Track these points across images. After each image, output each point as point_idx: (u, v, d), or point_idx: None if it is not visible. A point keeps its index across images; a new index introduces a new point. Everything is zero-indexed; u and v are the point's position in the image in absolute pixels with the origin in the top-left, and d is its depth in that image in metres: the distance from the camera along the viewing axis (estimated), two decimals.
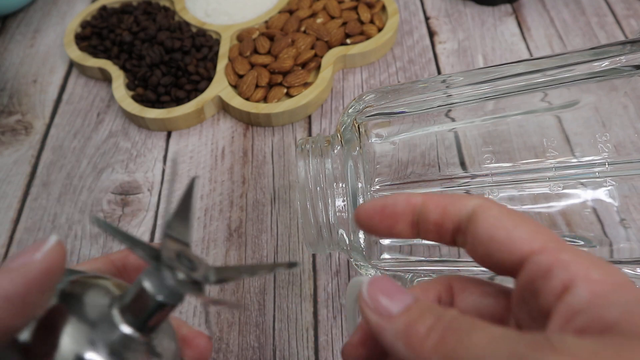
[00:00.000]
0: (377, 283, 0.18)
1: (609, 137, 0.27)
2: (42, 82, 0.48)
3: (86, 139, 0.44)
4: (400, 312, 0.16)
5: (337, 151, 0.30)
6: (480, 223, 0.17)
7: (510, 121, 0.29)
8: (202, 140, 0.43)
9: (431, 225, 0.19)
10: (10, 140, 0.44)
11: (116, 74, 0.45)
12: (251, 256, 0.36)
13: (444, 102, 0.29)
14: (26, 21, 0.54)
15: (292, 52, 0.44)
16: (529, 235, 0.16)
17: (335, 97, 0.45)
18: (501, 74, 0.29)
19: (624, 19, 0.48)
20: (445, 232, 0.18)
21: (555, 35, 0.47)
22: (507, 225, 0.17)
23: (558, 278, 0.15)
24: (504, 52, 0.47)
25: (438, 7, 0.51)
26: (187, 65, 0.44)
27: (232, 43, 0.47)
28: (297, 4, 0.49)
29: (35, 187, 0.41)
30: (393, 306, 0.17)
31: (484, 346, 0.14)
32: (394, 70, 0.46)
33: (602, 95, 0.28)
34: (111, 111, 0.45)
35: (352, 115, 0.30)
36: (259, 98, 0.43)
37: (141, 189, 0.40)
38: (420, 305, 0.17)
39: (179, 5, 0.50)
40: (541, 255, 0.16)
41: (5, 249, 0.38)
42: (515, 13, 0.50)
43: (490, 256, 0.17)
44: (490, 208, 0.17)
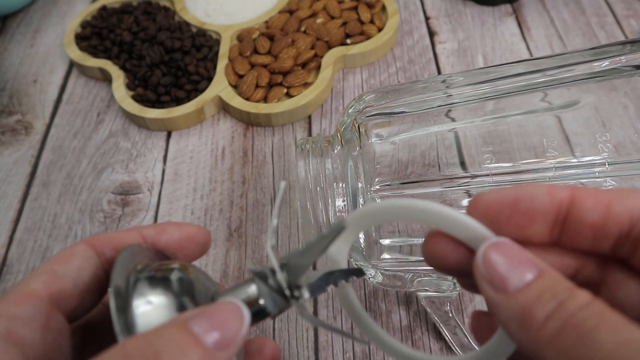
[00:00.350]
0: (496, 250, 0.15)
1: (609, 137, 0.27)
2: (42, 82, 0.48)
3: (86, 139, 0.44)
4: (518, 289, 0.14)
5: (337, 151, 0.30)
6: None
7: (510, 121, 0.29)
8: (202, 140, 0.43)
9: (586, 228, 0.15)
10: (10, 140, 0.44)
11: (116, 74, 0.45)
12: (251, 256, 0.36)
13: (444, 102, 0.29)
14: (26, 21, 0.54)
15: (292, 52, 0.44)
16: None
17: (335, 97, 0.45)
18: (501, 74, 0.29)
19: (624, 19, 0.48)
20: (606, 238, 0.15)
21: (555, 35, 0.47)
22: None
23: None
24: (504, 52, 0.47)
25: (438, 7, 0.51)
26: (187, 65, 0.44)
27: (232, 43, 0.47)
28: (297, 4, 0.49)
29: (35, 187, 0.41)
30: (511, 279, 0.14)
31: (610, 351, 0.11)
32: (394, 70, 0.46)
33: (602, 95, 0.28)
34: (111, 111, 0.45)
35: (352, 115, 0.30)
36: (259, 98, 0.43)
37: (141, 189, 0.40)
38: (543, 283, 0.14)
39: (179, 5, 0.50)
40: None
41: (5, 249, 0.38)
42: (515, 13, 0.50)
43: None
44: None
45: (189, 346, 0.15)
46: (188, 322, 0.15)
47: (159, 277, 0.17)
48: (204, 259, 0.36)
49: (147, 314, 0.16)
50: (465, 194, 0.28)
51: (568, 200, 0.15)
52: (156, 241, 0.20)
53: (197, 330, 0.15)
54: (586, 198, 0.15)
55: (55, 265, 0.18)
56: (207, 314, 0.16)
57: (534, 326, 0.13)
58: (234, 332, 0.16)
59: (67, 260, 0.18)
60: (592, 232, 0.15)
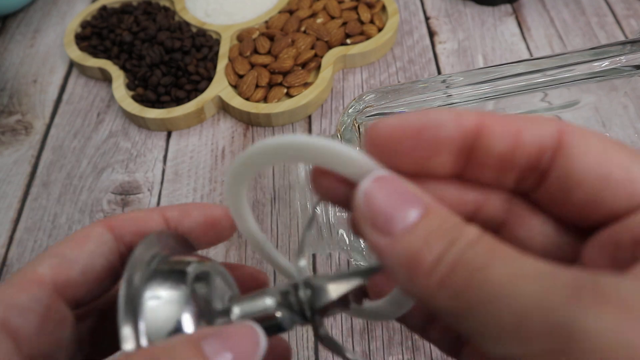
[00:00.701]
0: (377, 186, 0.13)
1: (609, 137, 0.27)
2: (42, 82, 0.48)
3: (86, 139, 0.44)
4: (404, 229, 0.12)
5: None
6: (579, 158, 0.12)
7: None
8: (202, 140, 0.43)
9: (493, 158, 0.13)
10: (10, 140, 0.44)
11: (116, 74, 0.45)
12: (251, 256, 0.36)
13: (444, 102, 0.29)
14: (26, 21, 0.54)
15: (292, 52, 0.44)
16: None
17: (335, 97, 0.45)
18: (501, 74, 0.29)
19: (624, 19, 0.48)
20: (512, 169, 0.13)
21: (555, 35, 0.47)
22: (623, 161, 0.12)
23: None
24: (504, 52, 0.47)
25: (438, 7, 0.51)
26: (187, 65, 0.44)
27: (232, 43, 0.47)
28: (297, 4, 0.49)
29: (35, 187, 0.41)
30: (396, 220, 0.12)
31: (502, 285, 0.10)
32: (394, 70, 0.46)
33: (602, 95, 0.28)
34: (111, 111, 0.45)
35: (352, 115, 0.30)
36: (259, 98, 0.43)
37: (141, 189, 0.40)
38: (430, 221, 0.12)
39: (179, 5, 0.50)
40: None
41: (5, 249, 0.38)
42: (515, 13, 0.50)
43: (593, 203, 0.12)
44: (584, 137, 0.13)
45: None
46: (201, 342, 0.14)
47: (174, 273, 0.16)
48: None
49: (156, 313, 0.15)
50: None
51: (475, 127, 0.13)
52: (179, 224, 0.19)
53: (209, 351, 0.14)
54: (495, 125, 0.13)
55: (67, 248, 0.17)
56: (222, 335, 0.15)
57: (423, 272, 0.12)
58: (248, 357, 0.15)
59: (80, 244, 0.17)
60: (498, 163, 0.13)
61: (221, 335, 0.14)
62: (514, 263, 0.11)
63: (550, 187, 0.13)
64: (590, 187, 0.12)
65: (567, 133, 0.13)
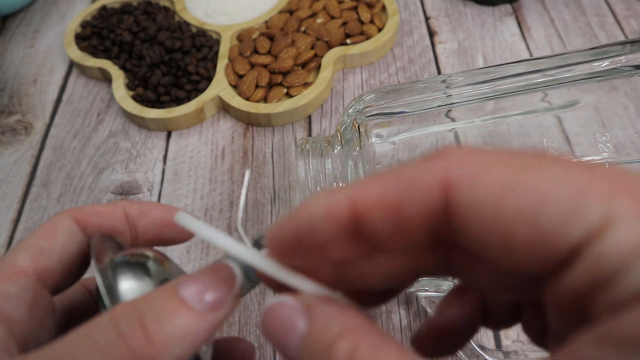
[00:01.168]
0: (269, 313, 0.14)
1: (609, 137, 0.27)
2: (42, 82, 0.48)
3: (86, 139, 0.44)
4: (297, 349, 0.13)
5: (337, 151, 0.30)
6: (474, 219, 0.11)
7: (511, 121, 0.29)
8: (202, 140, 0.43)
9: (386, 237, 0.12)
10: (10, 140, 0.44)
11: (116, 74, 0.45)
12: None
13: (444, 102, 0.29)
14: (26, 21, 0.54)
15: (292, 52, 0.44)
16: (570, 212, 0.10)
17: (335, 97, 0.45)
18: (501, 74, 0.29)
19: (624, 19, 0.48)
20: (412, 241, 0.12)
21: (555, 35, 0.47)
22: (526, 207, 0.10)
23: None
24: (504, 52, 0.47)
25: (438, 7, 0.51)
26: (187, 65, 0.44)
27: (232, 43, 0.47)
28: (297, 4, 0.49)
29: (35, 187, 0.41)
30: (288, 344, 0.14)
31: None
32: (394, 70, 0.46)
33: (602, 95, 0.28)
34: (111, 111, 0.45)
35: (352, 115, 0.30)
36: (259, 98, 0.43)
37: (141, 189, 0.40)
38: (311, 339, 0.13)
39: (179, 5, 0.50)
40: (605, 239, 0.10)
41: (5, 249, 0.38)
42: (515, 13, 0.50)
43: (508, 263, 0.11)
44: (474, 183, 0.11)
45: (175, 310, 0.15)
46: (177, 287, 0.15)
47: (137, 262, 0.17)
48: (204, 260, 0.36)
49: (133, 293, 0.16)
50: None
51: (350, 216, 0.12)
52: (137, 221, 0.20)
53: (185, 294, 0.15)
54: (370, 210, 0.12)
55: (41, 240, 0.18)
56: (196, 277, 0.15)
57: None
58: (224, 293, 0.15)
59: (52, 235, 0.18)
60: (395, 239, 0.12)
61: (195, 277, 0.15)
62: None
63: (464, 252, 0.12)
64: (496, 250, 0.11)
65: (453, 188, 0.11)
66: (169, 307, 0.15)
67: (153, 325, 0.14)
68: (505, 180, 0.11)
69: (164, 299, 0.15)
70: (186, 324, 0.15)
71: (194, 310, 0.15)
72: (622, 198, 0.10)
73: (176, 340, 0.14)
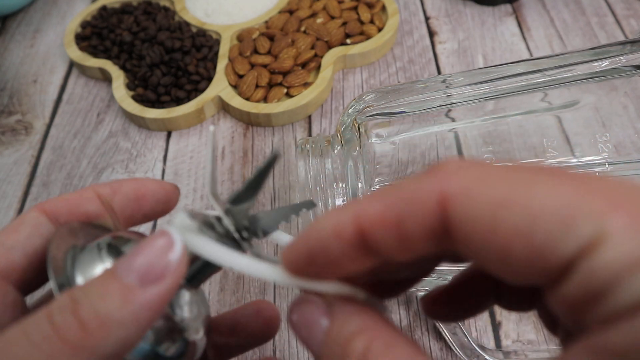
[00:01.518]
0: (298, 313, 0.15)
1: (609, 137, 0.27)
2: (42, 82, 0.48)
3: (86, 139, 0.44)
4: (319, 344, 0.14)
5: (337, 151, 0.30)
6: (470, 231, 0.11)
7: (511, 121, 0.29)
8: (202, 140, 0.43)
9: (393, 251, 0.13)
10: (10, 140, 0.44)
11: (116, 74, 0.45)
12: None
13: (444, 102, 0.29)
14: (26, 21, 0.54)
15: (292, 52, 0.44)
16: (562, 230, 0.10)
17: (335, 97, 0.45)
18: (501, 74, 0.29)
19: (624, 19, 0.48)
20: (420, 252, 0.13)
21: (555, 35, 0.47)
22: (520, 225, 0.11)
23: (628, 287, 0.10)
24: (504, 52, 0.46)
25: (438, 7, 0.51)
26: (187, 65, 0.44)
27: (232, 43, 0.47)
28: (297, 4, 0.49)
29: (35, 187, 0.41)
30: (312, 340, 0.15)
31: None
32: (394, 70, 0.46)
33: (602, 95, 0.28)
34: (111, 111, 0.45)
35: (352, 115, 0.30)
36: (259, 98, 0.43)
37: None
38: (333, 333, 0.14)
39: (179, 5, 0.50)
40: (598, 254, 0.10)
41: None
42: (515, 13, 0.50)
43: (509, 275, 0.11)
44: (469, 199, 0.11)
45: (109, 288, 0.14)
46: (115, 266, 0.14)
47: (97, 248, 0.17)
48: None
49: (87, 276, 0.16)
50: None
51: (356, 234, 0.13)
52: (112, 201, 0.19)
53: (119, 271, 0.14)
54: (373, 225, 0.12)
55: (3, 236, 0.17)
56: (133, 251, 0.14)
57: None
58: (163, 262, 0.14)
59: (15, 230, 0.18)
60: (401, 252, 0.13)
61: (132, 251, 0.14)
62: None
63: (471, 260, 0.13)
64: (496, 264, 0.11)
65: (449, 203, 0.11)
66: (104, 288, 0.14)
67: (87, 311, 0.13)
68: (500, 195, 0.11)
69: (101, 281, 0.14)
70: (120, 303, 0.13)
71: (128, 286, 0.14)
72: (614, 213, 0.10)
73: (114, 324, 0.13)
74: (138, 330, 0.14)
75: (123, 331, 0.13)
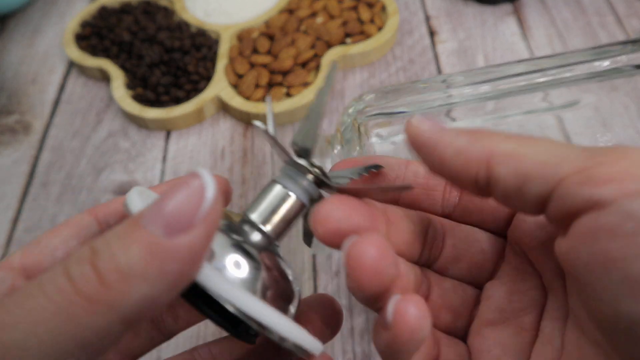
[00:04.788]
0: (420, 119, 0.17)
1: (609, 137, 0.27)
2: (41, 82, 0.48)
3: (85, 139, 0.43)
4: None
5: (337, 151, 0.30)
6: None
7: (511, 121, 0.29)
8: (202, 140, 0.43)
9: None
10: (10, 140, 0.44)
11: (116, 73, 0.45)
12: None
13: (445, 102, 0.29)
14: (26, 21, 0.54)
15: (292, 52, 0.44)
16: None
17: (335, 97, 0.44)
18: (502, 74, 0.29)
19: (625, 19, 0.48)
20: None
21: (556, 35, 0.47)
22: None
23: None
24: (504, 52, 0.46)
25: (438, 6, 0.51)
26: (187, 65, 0.44)
27: (232, 43, 0.47)
28: (297, 4, 0.49)
29: (35, 187, 0.41)
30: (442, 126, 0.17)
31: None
32: (394, 70, 0.46)
33: (603, 95, 0.28)
34: (110, 111, 0.45)
35: (352, 115, 0.30)
36: (258, 98, 0.42)
37: None
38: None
39: (178, 5, 0.50)
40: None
41: (4, 249, 0.38)
42: (516, 12, 0.50)
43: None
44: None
45: (132, 237, 0.12)
46: (142, 215, 0.13)
47: None
48: None
49: None
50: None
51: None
52: None
53: (145, 219, 0.12)
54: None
55: (45, 235, 0.18)
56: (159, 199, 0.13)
57: (485, 133, 0.16)
58: (192, 208, 0.13)
59: (58, 230, 0.18)
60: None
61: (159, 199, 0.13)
62: None
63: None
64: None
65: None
66: (126, 238, 0.12)
67: (107, 263, 0.12)
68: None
69: (123, 230, 0.13)
70: (144, 255, 0.12)
71: (153, 235, 0.12)
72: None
73: (137, 278, 0.12)
74: (165, 287, 0.12)
75: (147, 286, 0.12)
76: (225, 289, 0.14)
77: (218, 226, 0.13)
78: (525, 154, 0.15)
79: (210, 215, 0.13)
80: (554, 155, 0.15)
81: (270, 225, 0.18)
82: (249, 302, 0.14)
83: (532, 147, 0.15)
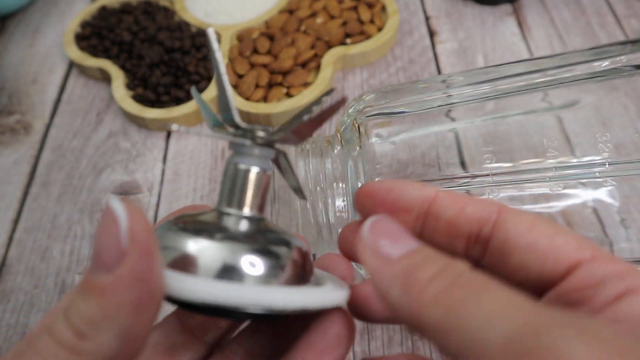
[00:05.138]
0: (380, 223, 0.16)
1: (609, 137, 0.27)
2: (41, 82, 0.48)
3: (86, 139, 0.44)
4: (402, 255, 0.15)
5: (337, 151, 0.30)
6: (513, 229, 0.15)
7: (511, 121, 0.29)
8: (202, 140, 0.43)
9: (443, 224, 0.16)
10: (10, 140, 0.44)
11: (116, 73, 0.45)
12: None
13: (444, 102, 0.29)
14: (26, 21, 0.54)
15: (292, 52, 0.44)
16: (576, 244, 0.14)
17: (335, 97, 0.44)
18: (501, 74, 0.29)
19: (625, 19, 0.48)
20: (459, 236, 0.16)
21: (555, 35, 0.47)
22: (548, 232, 0.15)
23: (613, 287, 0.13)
24: (504, 52, 0.46)
25: (438, 6, 0.51)
26: (187, 65, 0.44)
27: (232, 43, 0.47)
28: (297, 4, 0.49)
29: (35, 187, 0.41)
30: (394, 249, 0.15)
31: (495, 310, 0.12)
32: (394, 70, 0.46)
33: (603, 95, 0.28)
34: (111, 111, 0.45)
35: (352, 115, 0.30)
36: (259, 98, 0.43)
37: (141, 189, 0.40)
38: (425, 252, 0.15)
39: (178, 5, 0.50)
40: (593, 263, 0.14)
41: (5, 249, 0.38)
42: (515, 13, 0.50)
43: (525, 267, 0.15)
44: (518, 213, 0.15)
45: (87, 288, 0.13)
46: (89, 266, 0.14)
47: None
48: None
49: None
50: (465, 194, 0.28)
51: (433, 197, 0.16)
52: None
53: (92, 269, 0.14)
54: (448, 197, 0.16)
55: None
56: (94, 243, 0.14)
57: (418, 285, 0.13)
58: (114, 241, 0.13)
59: None
60: (447, 228, 0.16)
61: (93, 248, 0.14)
62: (504, 293, 0.13)
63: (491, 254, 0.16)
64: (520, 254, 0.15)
65: (504, 212, 0.15)
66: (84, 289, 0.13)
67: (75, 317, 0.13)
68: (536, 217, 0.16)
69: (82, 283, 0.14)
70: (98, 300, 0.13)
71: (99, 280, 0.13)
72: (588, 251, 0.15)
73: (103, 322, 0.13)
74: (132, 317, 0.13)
75: (116, 325, 0.13)
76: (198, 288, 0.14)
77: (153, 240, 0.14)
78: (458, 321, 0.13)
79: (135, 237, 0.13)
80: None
81: (248, 207, 0.18)
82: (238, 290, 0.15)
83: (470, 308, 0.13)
